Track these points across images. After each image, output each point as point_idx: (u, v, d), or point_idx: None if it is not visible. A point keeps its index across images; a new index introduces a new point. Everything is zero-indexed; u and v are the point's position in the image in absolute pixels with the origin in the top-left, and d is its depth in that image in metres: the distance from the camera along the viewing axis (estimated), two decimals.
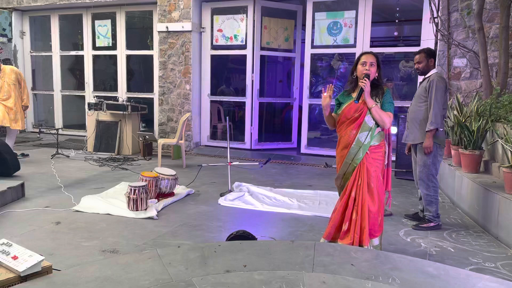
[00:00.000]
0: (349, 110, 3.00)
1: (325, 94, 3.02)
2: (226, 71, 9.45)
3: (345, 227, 3.00)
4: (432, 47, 6.38)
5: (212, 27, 8.04)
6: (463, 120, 4.65)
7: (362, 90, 2.92)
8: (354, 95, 3.00)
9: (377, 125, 2.94)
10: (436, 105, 3.81)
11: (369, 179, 2.94)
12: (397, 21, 8.53)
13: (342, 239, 3.00)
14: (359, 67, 2.99)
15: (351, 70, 3.09)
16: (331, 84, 3.12)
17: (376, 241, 2.99)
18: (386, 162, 3.05)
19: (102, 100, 7.71)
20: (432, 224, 3.93)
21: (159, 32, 8.00)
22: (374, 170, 2.95)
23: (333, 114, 3.14)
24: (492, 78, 5.52)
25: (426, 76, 4.02)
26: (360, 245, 2.92)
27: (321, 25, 7.45)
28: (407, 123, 4.15)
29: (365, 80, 2.90)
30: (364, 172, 2.94)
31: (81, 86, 9.68)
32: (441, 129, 3.90)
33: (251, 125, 7.97)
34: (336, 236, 3.07)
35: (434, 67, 4.05)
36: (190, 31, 7.76)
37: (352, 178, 2.99)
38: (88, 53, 9.29)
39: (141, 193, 4.19)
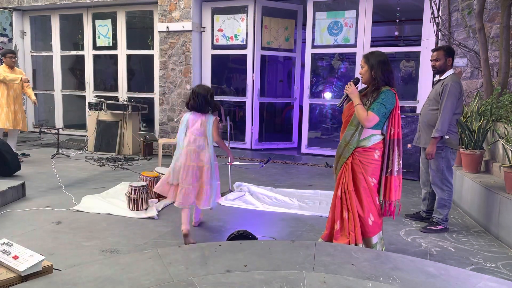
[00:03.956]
0: (346, 110, 3.12)
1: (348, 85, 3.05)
2: (227, 71, 9.45)
3: (337, 226, 3.02)
4: (433, 46, 6.38)
5: (212, 27, 8.04)
6: (464, 120, 4.64)
7: (347, 95, 3.02)
8: (362, 96, 3.03)
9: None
10: (445, 112, 3.65)
11: (355, 179, 2.96)
12: (397, 20, 8.52)
13: (336, 239, 3.00)
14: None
15: None
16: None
17: (374, 239, 2.98)
18: (390, 169, 2.94)
19: (103, 100, 7.71)
20: (440, 227, 3.89)
21: (159, 31, 7.99)
22: (360, 172, 2.94)
23: None
24: (493, 77, 5.51)
25: (442, 77, 3.84)
26: (356, 244, 2.92)
27: (321, 25, 7.45)
28: (419, 125, 4.05)
29: (349, 84, 3.00)
30: (349, 172, 2.97)
31: (81, 86, 9.68)
32: (455, 133, 3.79)
33: (252, 125, 7.97)
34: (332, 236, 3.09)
35: (451, 67, 3.85)
36: (191, 30, 7.76)
37: (338, 176, 3.06)
38: (88, 53, 9.29)
39: (141, 193, 4.20)
